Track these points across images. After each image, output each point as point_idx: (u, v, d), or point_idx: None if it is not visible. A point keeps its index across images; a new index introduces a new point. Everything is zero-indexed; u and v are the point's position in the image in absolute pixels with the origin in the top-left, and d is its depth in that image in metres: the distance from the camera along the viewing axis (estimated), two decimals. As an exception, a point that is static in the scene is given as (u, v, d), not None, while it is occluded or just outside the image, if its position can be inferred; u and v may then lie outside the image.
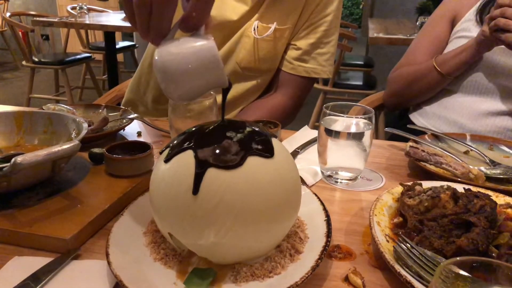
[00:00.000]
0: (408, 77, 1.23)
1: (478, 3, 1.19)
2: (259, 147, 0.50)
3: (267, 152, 0.50)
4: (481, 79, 1.14)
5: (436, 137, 0.96)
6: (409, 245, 0.51)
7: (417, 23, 2.87)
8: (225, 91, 0.56)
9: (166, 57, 0.50)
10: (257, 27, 1.07)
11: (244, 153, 0.48)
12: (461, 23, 1.21)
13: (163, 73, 0.50)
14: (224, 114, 0.56)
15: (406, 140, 0.93)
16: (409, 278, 0.48)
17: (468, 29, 1.17)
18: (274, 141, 0.53)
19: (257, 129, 0.53)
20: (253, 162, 0.48)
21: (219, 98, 1.15)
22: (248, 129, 0.52)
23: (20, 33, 3.55)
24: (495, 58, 1.11)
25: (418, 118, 1.26)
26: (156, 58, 0.51)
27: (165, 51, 0.51)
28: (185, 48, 0.51)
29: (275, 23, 1.07)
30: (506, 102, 1.12)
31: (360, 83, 3.18)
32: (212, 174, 0.47)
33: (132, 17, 0.52)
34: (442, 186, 0.62)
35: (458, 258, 0.35)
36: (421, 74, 1.19)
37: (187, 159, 0.49)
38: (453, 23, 1.25)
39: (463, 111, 1.16)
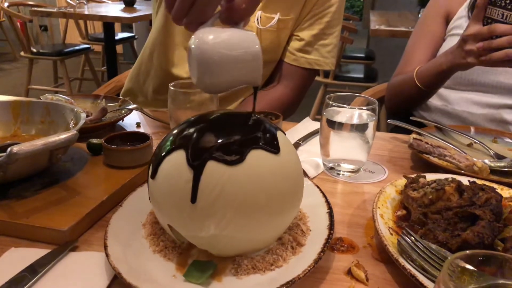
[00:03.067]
0: (396, 88, 1.20)
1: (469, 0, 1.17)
2: (264, 141, 0.48)
3: (272, 147, 0.49)
4: (477, 77, 1.12)
5: (439, 129, 0.95)
6: (413, 238, 0.51)
7: (419, 15, 2.84)
8: (256, 89, 0.54)
9: (209, 43, 0.47)
10: (260, 17, 1.05)
11: (248, 148, 0.47)
12: (454, 20, 1.18)
13: (201, 59, 0.47)
14: (254, 109, 0.53)
15: (408, 132, 0.92)
16: (414, 271, 0.47)
17: (462, 26, 1.14)
18: (279, 134, 0.51)
19: (262, 121, 0.52)
20: (257, 157, 0.47)
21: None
22: (253, 121, 0.51)
23: (18, 23, 3.52)
24: None
25: (419, 111, 1.25)
26: (196, 43, 0.47)
27: (207, 37, 0.48)
28: (232, 37, 0.48)
29: (278, 13, 1.05)
30: (505, 97, 1.10)
31: (361, 75, 3.16)
32: (213, 166, 0.46)
33: None
34: (446, 179, 0.61)
35: (467, 252, 0.34)
36: (406, 87, 1.14)
37: (188, 150, 0.47)
38: (447, 20, 1.22)
39: (463, 104, 1.15)
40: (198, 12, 0.49)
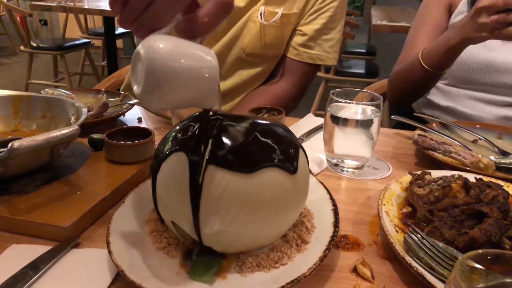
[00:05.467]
0: (400, 76, 1.14)
1: None
2: (277, 158, 0.47)
3: (286, 165, 0.47)
4: (479, 77, 1.10)
5: (444, 125, 0.94)
6: (420, 236, 0.50)
7: (421, 10, 2.82)
8: (207, 111, 0.48)
9: (161, 53, 0.40)
10: (264, 12, 1.04)
11: (259, 166, 0.45)
12: (455, 16, 1.15)
13: (150, 68, 0.39)
14: None
15: (411, 128, 0.91)
16: (421, 270, 0.46)
17: None
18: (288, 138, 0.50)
19: (277, 133, 0.49)
20: (267, 172, 0.46)
21: (222, 84, 1.13)
22: (266, 129, 0.48)
23: (18, 17, 3.50)
24: (491, 55, 1.07)
25: (422, 109, 1.24)
26: (146, 49, 0.40)
27: (160, 44, 0.40)
28: (188, 50, 0.42)
29: (281, 8, 1.04)
30: (507, 96, 1.09)
31: (362, 71, 3.14)
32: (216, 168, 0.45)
33: None
34: (453, 176, 0.61)
35: (479, 251, 0.33)
36: (411, 72, 1.08)
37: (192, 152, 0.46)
38: (449, 11, 1.19)
39: (467, 102, 1.13)
40: (153, 16, 0.42)
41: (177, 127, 0.51)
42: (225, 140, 0.46)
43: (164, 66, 0.39)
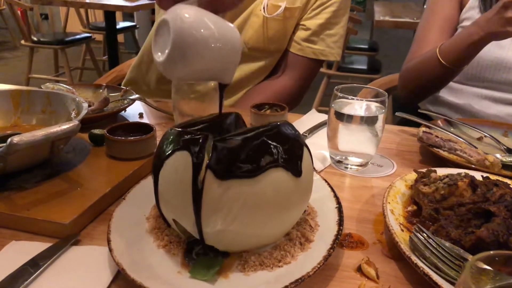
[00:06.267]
0: (414, 72, 1.11)
1: None
2: (282, 159, 0.46)
3: (290, 166, 0.46)
4: (488, 75, 1.08)
5: (449, 122, 0.93)
6: (425, 235, 0.49)
7: (424, 7, 2.80)
8: (223, 87, 0.49)
9: (190, 22, 0.40)
10: (267, 5, 1.03)
11: (263, 168, 0.44)
12: (466, 11, 1.13)
13: (178, 36, 0.40)
14: (221, 109, 0.50)
15: (416, 125, 0.90)
16: (427, 270, 0.45)
17: (473, 18, 1.08)
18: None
19: (282, 134, 0.48)
20: (271, 173, 0.45)
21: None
22: (276, 134, 0.47)
23: (19, 11, 3.48)
24: (502, 53, 1.05)
25: (427, 105, 1.22)
26: (175, 17, 0.40)
27: (190, 13, 0.41)
28: (217, 22, 0.42)
29: (285, 1, 1.03)
30: None
31: (364, 67, 3.13)
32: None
33: None
34: (459, 174, 0.59)
35: (491, 252, 0.32)
36: (426, 68, 1.06)
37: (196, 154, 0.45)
38: (461, 4, 1.16)
39: (474, 99, 1.12)
40: None
41: (182, 126, 0.50)
42: (228, 143, 0.44)
43: (191, 35, 0.40)
